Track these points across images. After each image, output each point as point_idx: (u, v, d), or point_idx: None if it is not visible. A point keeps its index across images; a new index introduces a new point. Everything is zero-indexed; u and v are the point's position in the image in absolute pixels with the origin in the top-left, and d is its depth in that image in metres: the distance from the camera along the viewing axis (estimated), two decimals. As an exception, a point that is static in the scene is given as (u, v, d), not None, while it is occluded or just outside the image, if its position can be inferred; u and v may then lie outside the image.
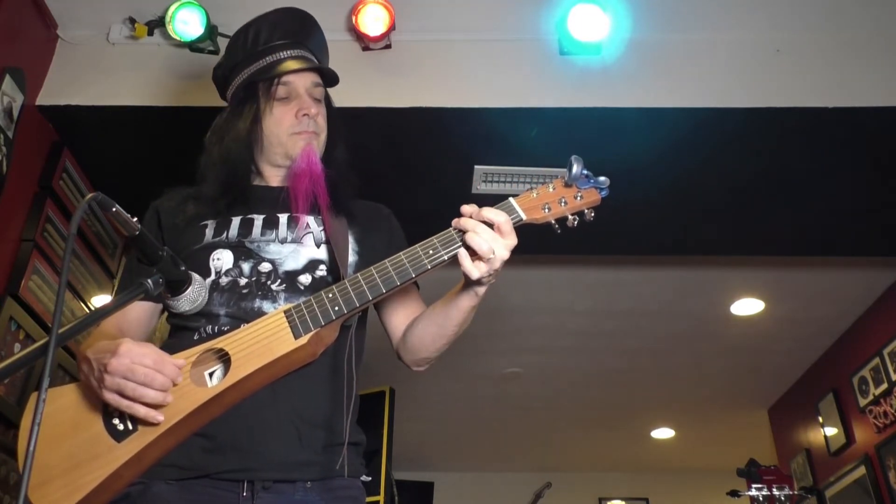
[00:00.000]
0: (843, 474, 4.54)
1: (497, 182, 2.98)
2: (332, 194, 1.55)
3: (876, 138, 2.84)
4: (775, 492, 3.29)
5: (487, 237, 1.29)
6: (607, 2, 2.73)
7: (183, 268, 1.28)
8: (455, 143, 2.89)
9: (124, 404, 1.24)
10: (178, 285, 1.29)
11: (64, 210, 2.82)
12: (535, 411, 5.94)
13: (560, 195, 1.39)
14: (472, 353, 4.94)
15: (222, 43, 2.74)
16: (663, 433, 6.46)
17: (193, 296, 1.31)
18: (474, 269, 1.30)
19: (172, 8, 2.70)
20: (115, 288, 1.42)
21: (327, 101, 1.68)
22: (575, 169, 1.37)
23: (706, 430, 6.26)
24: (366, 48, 2.84)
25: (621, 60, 2.81)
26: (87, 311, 2.92)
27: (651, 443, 6.62)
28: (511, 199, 1.38)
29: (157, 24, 2.78)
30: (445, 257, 1.34)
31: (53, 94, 2.77)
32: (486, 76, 2.81)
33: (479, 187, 3.00)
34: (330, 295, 1.34)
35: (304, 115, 1.58)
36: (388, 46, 2.84)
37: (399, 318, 1.55)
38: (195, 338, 1.38)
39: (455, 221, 1.33)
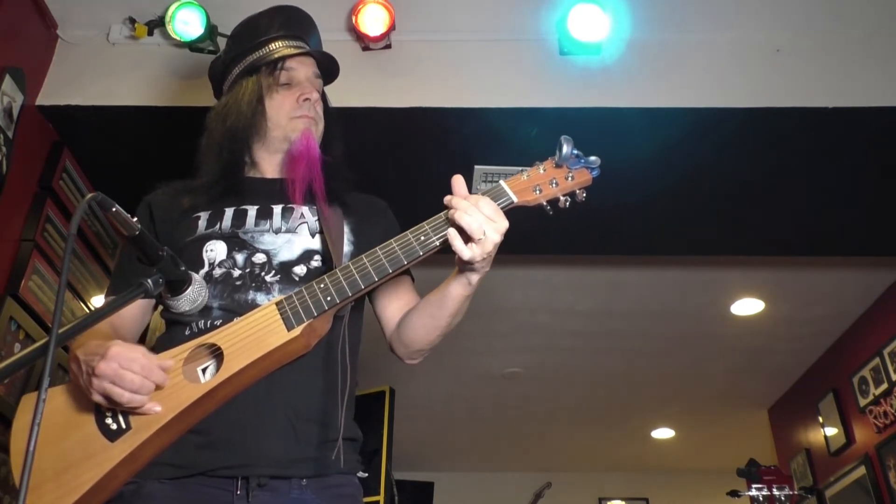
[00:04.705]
0: (843, 474, 4.54)
1: (496, 182, 2.98)
2: (328, 183, 1.55)
3: (876, 138, 2.84)
4: (775, 492, 3.29)
5: (479, 217, 1.27)
6: (607, 2, 2.73)
7: (183, 268, 1.27)
8: (455, 143, 2.89)
9: (114, 406, 1.24)
10: (178, 285, 1.28)
11: (64, 210, 2.82)
12: (535, 411, 5.94)
13: (551, 176, 1.37)
14: (472, 353, 4.94)
15: (222, 43, 2.73)
16: (663, 433, 6.46)
17: (193, 296, 1.30)
18: (466, 249, 1.27)
19: (172, 8, 2.70)
20: (108, 286, 1.41)
21: (324, 98, 1.70)
22: (565, 149, 1.35)
23: (706, 430, 6.26)
24: (366, 48, 2.84)
25: (621, 60, 2.81)
26: (87, 311, 2.92)
27: (651, 443, 6.62)
28: (502, 181, 1.37)
29: (157, 24, 2.78)
30: (437, 243, 1.32)
31: (53, 94, 2.77)
32: (486, 76, 2.81)
33: (480, 187, 3.00)
34: (322, 285, 1.33)
35: (305, 99, 1.60)
36: (388, 46, 2.84)
37: (393, 309, 1.54)
38: (187, 333, 1.37)
39: (447, 199, 1.30)
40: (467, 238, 1.28)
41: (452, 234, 1.29)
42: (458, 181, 1.33)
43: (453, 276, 1.37)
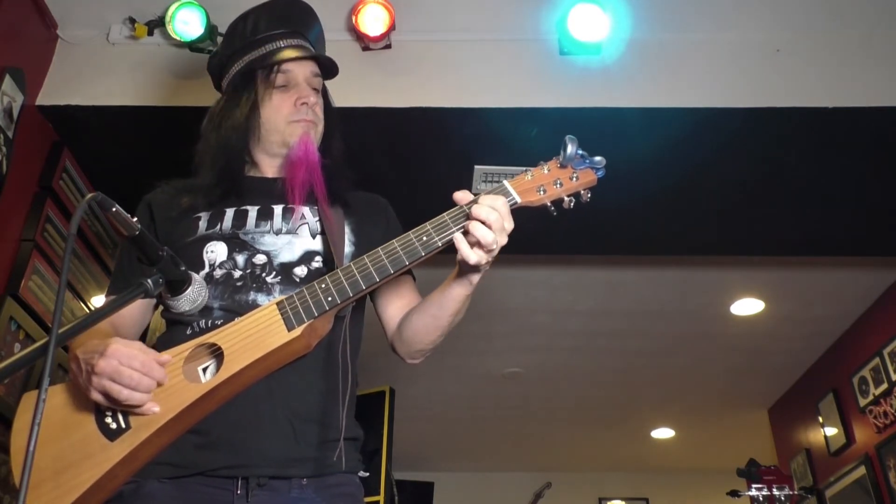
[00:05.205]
0: (843, 474, 4.54)
1: (497, 182, 2.98)
2: (328, 184, 1.54)
3: (876, 138, 2.84)
4: (775, 492, 3.30)
5: (496, 227, 1.26)
6: (607, 2, 2.73)
7: (183, 268, 1.27)
8: (455, 143, 2.89)
9: (113, 404, 1.24)
10: (178, 285, 1.28)
11: (64, 210, 2.82)
12: (535, 411, 5.94)
13: (555, 177, 1.36)
14: (472, 353, 4.94)
15: (222, 43, 2.74)
16: (663, 433, 6.46)
17: (193, 296, 1.30)
18: (472, 254, 1.27)
19: (172, 8, 2.70)
20: (108, 286, 1.42)
21: (325, 94, 1.68)
22: (570, 149, 1.34)
23: (706, 430, 6.26)
24: (366, 48, 2.84)
25: (621, 60, 2.81)
26: (87, 311, 2.92)
27: (651, 443, 6.62)
28: (505, 181, 1.36)
29: (157, 24, 2.78)
30: (439, 243, 1.32)
31: (53, 94, 2.77)
32: (486, 76, 2.81)
33: (479, 187, 3.00)
34: (323, 285, 1.32)
35: (303, 103, 1.58)
36: (388, 46, 2.84)
37: (394, 308, 1.53)
38: (188, 332, 1.37)
39: (474, 212, 1.27)
40: (473, 241, 1.27)
41: (459, 238, 1.29)
42: (462, 197, 1.32)
43: (453, 276, 1.37)
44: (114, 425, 1.25)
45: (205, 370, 1.32)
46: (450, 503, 6.62)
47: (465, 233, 1.29)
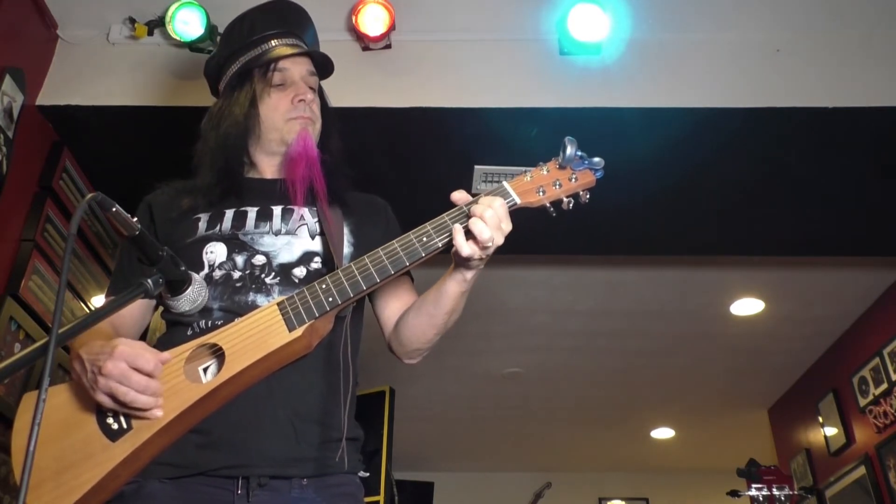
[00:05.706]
0: (843, 474, 4.54)
1: (497, 182, 2.98)
2: (328, 182, 1.54)
3: (876, 138, 2.84)
4: (775, 492, 3.30)
5: (492, 224, 1.27)
6: (607, 2, 2.73)
7: (183, 268, 1.27)
8: (455, 143, 2.90)
9: (119, 406, 1.24)
10: (178, 285, 1.28)
11: (64, 210, 2.82)
12: (535, 411, 5.94)
13: (554, 177, 1.37)
14: (472, 353, 4.94)
15: (222, 43, 2.74)
16: (663, 433, 6.46)
17: (193, 296, 1.30)
18: (466, 246, 1.28)
19: (172, 8, 2.70)
20: (108, 286, 1.43)
21: (321, 94, 1.69)
22: (569, 150, 1.35)
23: (706, 430, 6.27)
24: (366, 48, 2.84)
25: (621, 60, 2.81)
26: (87, 311, 2.92)
27: (651, 443, 6.62)
28: (504, 182, 1.37)
29: (157, 24, 2.78)
30: (440, 244, 1.32)
31: (53, 94, 2.77)
32: (486, 76, 2.81)
33: (479, 187, 3.00)
34: (323, 286, 1.32)
35: (300, 100, 1.59)
36: (388, 46, 2.84)
37: (392, 309, 1.54)
38: (188, 333, 1.37)
39: (473, 210, 1.29)
40: (470, 235, 1.28)
41: (457, 228, 1.30)
42: (460, 197, 1.33)
43: (449, 273, 1.38)
44: (115, 425, 1.25)
45: (206, 370, 1.32)
46: (450, 503, 6.62)
47: (465, 232, 1.29)
